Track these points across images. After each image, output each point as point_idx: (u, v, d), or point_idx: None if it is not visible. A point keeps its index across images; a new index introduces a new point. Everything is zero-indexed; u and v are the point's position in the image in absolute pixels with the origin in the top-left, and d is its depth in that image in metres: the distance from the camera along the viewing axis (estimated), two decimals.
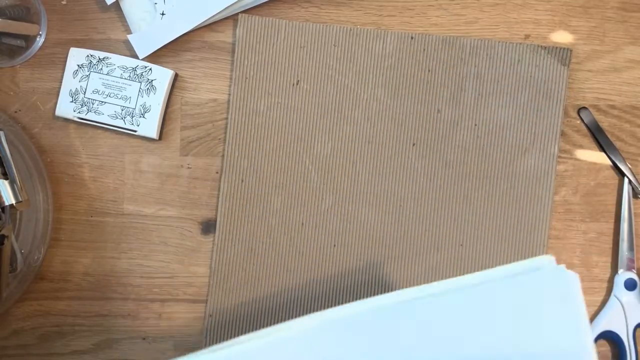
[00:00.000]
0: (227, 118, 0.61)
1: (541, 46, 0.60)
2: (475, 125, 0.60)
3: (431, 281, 0.60)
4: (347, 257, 0.60)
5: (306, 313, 0.60)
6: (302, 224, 0.60)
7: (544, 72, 0.60)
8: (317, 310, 0.60)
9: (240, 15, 0.60)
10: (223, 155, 0.61)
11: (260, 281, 0.60)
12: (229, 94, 0.61)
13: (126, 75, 0.60)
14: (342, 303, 0.60)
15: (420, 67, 0.60)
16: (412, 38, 0.60)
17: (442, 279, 0.60)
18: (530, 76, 0.60)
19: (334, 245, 0.60)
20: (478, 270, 0.59)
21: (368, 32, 0.60)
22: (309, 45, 0.60)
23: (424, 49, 0.60)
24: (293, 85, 0.60)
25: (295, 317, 0.60)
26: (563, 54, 0.60)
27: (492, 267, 0.60)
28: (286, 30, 0.60)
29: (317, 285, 0.60)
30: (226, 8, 0.59)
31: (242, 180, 0.60)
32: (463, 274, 0.60)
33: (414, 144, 0.60)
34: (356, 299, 0.60)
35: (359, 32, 0.60)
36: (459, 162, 0.60)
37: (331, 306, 0.60)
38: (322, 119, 0.60)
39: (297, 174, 0.60)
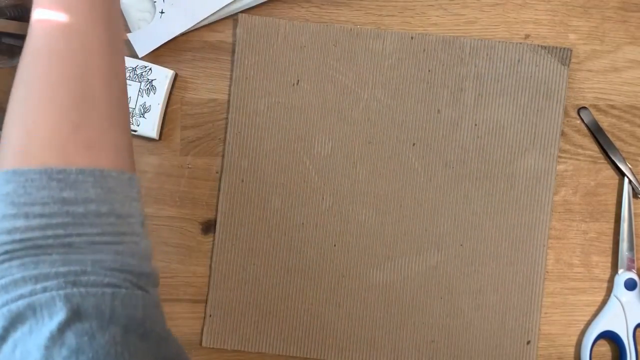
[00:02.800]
0: (227, 118, 0.61)
1: (541, 46, 0.60)
2: (475, 125, 0.60)
3: (432, 281, 0.60)
4: (347, 257, 0.60)
5: (305, 313, 0.60)
6: (302, 223, 0.60)
7: (544, 72, 0.60)
8: (316, 311, 0.60)
9: (240, 15, 0.60)
10: (223, 155, 0.61)
11: (260, 281, 0.60)
12: (229, 94, 0.61)
13: (126, 75, 0.60)
14: (340, 303, 0.60)
15: (420, 67, 0.60)
16: (412, 38, 0.60)
17: (442, 279, 0.60)
18: (530, 76, 0.60)
19: (334, 245, 0.60)
20: (479, 270, 0.60)
21: (368, 32, 0.60)
22: (309, 45, 0.60)
23: (424, 49, 0.60)
24: (293, 85, 0.60)
25: (296, 316, 0.60)
26: (563, 54, 0.60)
27: (492, 266, 0.60)
28: (286, 30, 0.60)
29: (316, 285, 0.60)
30: (226, 7, 0.59)
31: (242, 180, 0.60)
32: (463, 274, 0.60)
33: (413, 144, 0.60)
34: (356, 300, 0.60)
35: (359, 31, 0.60)
36: (459, 162, 0.60)
37: (330, 306, 0.60)
38: (322, 118, 0.60)
39: (297, 174, 0.60)
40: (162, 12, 0.60)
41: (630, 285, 0.59)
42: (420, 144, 0.60)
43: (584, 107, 0.61)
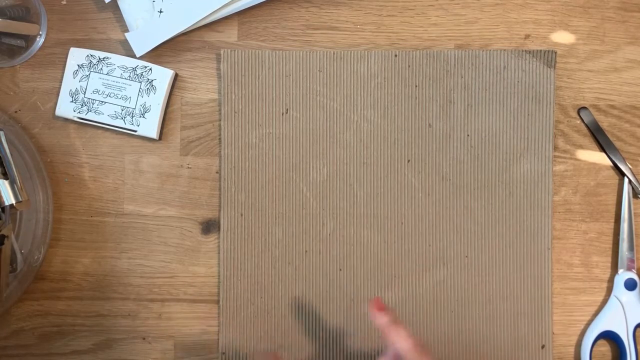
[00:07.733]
0: (220, 152, 0.61)
1: (525, 50, 0.60)
2: (468, 135, 0.60)
3: (441, 296, 0.60)
4: (354, 281, 0.60)
5: (321, 344, 0.60)
6: (306, 251, 0.60)
7: (531, 76, 0.60)
8: (330, 342, 0.60)
9: (222, 51, 0.60)
10: (220, 190, 0.61)
11: (269, 314, 0.60)
12: (220, 129, 0.61)
13: (126, 75, 0.60)
14: (353, 328, 0.60)
15: (407, 84, 0.60)
16: (395, 56, 0.60)
17: (450, 292, 0.60)
18: (518, 81, 0.60)
19: (340, 270, 0.60)
20: (486, 280, 0.60)
21: (351, 55, 0.60)
22: (294, 73, 0.60)
23: (409, 65, 0.60)
24: (282, 114, 0.60)
25: (310, 346, 0.60)
26: (548, 57, 0.60)
27: (499, 274, 0.60)
28: (270, 61, 0.60)
29: (327, 312, 0.60)
30: (225, 7, 0.59)
31: (242, 215, 0.60)
32: (471, 286, 0.60)
33: (408, 161, 0.60)
34: (367, 322, 0.60)
35: (343, 55, 0.60)
36: (456, 174, 0.60)
37: (344, 333, 0.60)
38: (314, 145, 0.60)
39: (295, 203, 0.60)
40: (160, 12, 0.60)
41: (630, 285, 0.59)
42: (415, 160, 0.60)
43: (584, 107, 0.61)
